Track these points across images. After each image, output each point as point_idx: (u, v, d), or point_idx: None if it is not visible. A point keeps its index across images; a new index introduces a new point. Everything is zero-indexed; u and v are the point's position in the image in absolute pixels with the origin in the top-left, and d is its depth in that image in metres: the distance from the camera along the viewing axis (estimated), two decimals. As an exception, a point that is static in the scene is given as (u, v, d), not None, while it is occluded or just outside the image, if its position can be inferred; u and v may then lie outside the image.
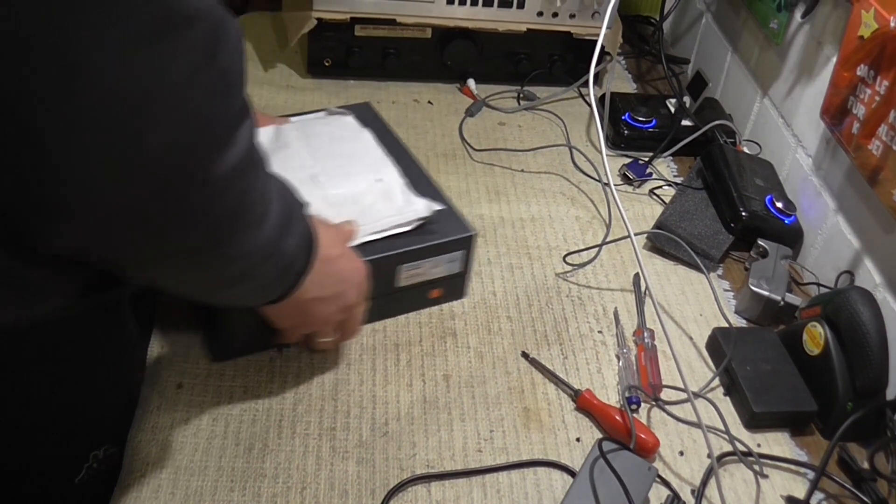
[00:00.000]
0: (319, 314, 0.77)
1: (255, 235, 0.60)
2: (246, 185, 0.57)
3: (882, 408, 0.86)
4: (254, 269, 0.63)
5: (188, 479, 0.75)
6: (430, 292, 0.93)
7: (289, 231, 0.65)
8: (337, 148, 0.95)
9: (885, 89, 0.91)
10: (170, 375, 0.84)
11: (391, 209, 0.88)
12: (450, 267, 0.91)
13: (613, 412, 0.84)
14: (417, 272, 0.89)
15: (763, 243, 1.04)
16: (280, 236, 0.64)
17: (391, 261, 0.86)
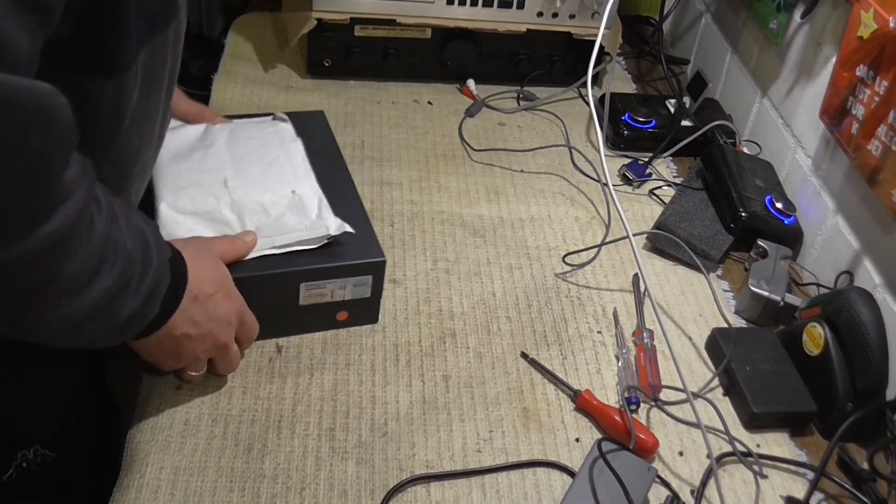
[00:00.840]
0: (188, 351, 0.76)
1: (70, 302, 0.60)
2: (56, 260, 0.56)
3: (882, 408, 0.86)
4: (79, 327, 0.63)
5: (187, 480, 0.75)
6: (338, 314, 0.89)
7: (127, 291, 0.64)
8: (260, 154, 0.92)
9: (885, 90, 0.91)
10: (169, 376, 0.84)
11: (300, 223, 0.85)
12: (358, 290, 0.88)
13: (613, 412, 0.84)
14: (321, 292, 0.86)
15: (763, 244, 1.04)
16: (113, 296, 0.63)
17: (292, 277, 0.83)
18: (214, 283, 0.75)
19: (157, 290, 0.67)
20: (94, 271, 0.60)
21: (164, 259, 0.68)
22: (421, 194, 1.12)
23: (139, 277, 0.64)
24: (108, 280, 0.61)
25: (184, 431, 0.79)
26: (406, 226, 1.06)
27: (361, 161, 1.16)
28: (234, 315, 0.78)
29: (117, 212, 0.62)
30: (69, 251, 0.57)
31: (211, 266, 0.76)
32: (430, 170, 1.17)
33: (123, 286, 0.63)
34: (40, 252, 0.54)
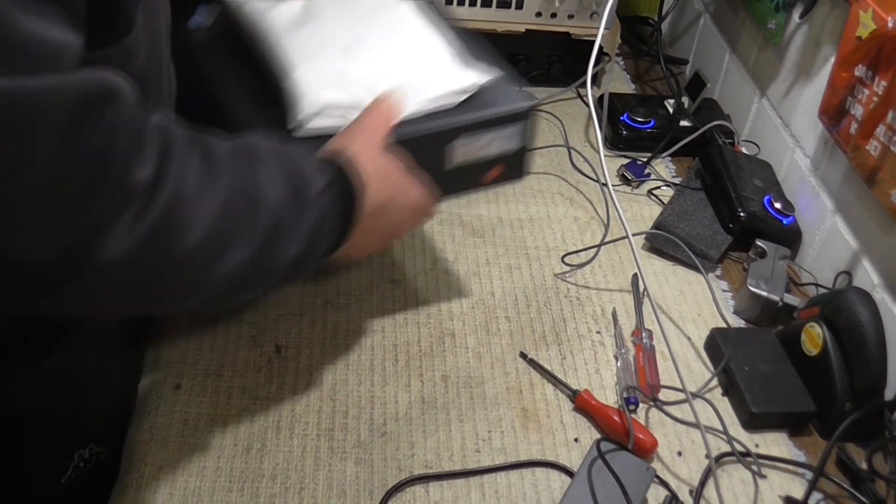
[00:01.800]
0: (375, 247, 0.76)
1: (211, 270, 0.57)
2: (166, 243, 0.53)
3: (880, 408, 0.86)
4: (235, 288, 0.61)
5: (187, 480, 0.75)
6: (489, 172, 0.83)
7: (278, 241, 0.60)
8: (375, 16, 0.83)
9: (883, 90, 0.91)
10: (168, 376, 0.84)
11: (437, 79, 0.77)
12: (507, 143, 0.81)
13: (611, 412, 0.84)
14: (468, 150, 0.79)
15: (761, 244, 1.04)
16: (263, 251, 0.59)
17: (439, 138, 0.76)
18: (391, 184, 0.71)
19: (320, 226, 0.64)
20: (226, 236, 0.56)
21: (320, 187, 0.63)
22: (420, 194, 1.12)
23: (291, 221, 0.61)
24: (251, 239, 0.58)
25: (183, 431, 0.79)
26: (405, 226, 1.06)
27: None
28: (411, 209, 0.75)
29: (233, 165, 0.58)
30: (176, 229, 0.53)
31: (382, 163, 0.70)
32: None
33: (271, 239, 0.59)
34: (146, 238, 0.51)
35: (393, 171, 0.72)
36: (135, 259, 0.51)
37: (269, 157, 0.61)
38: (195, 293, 0.58)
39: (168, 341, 0.87)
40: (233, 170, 0.57)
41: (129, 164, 0.49)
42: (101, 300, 0.53)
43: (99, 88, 0.47)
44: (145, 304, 0.58)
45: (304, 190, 0.62)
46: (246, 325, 0.90)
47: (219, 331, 0.89)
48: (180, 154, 0.53)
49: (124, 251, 0.50)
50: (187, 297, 0.59)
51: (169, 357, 0.86)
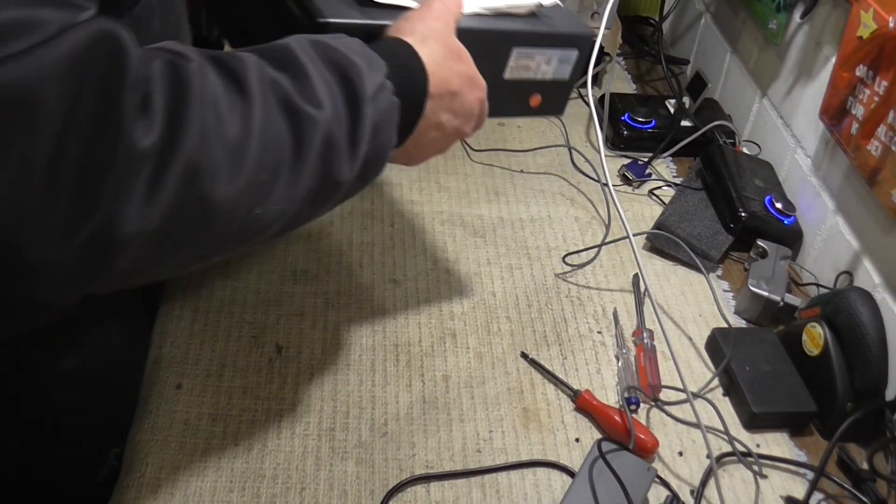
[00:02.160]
0: (433, 151, 0.69)
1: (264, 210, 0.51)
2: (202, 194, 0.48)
3: (881, 408, 0.86)
4: (298, 214, 0.55)
5: (187, 480, 0.75)
6: (532, 97, 0.82)
7: (334, 157, 0.54)
8: None
9: (884, 90, 0.91)
10: (169, 376, 0.84)
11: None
12: (560, 69, 0.81)
13: (612, 412, 0.84)
14: (528, 63, 0.78)
15: (762, 244, 1.04)
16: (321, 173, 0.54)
17: (505, 41, 0.74)
18: (459, 75, 0.65)
19: (379, 129, 0.57)
20: (269, 171, 0.50)
21: (376, 84, 0.56)
22: (421, 194, 1.12)
23: (346, 132, 0.54)
24: (300, 166, 0.52)
25: (184, 431, 0.79)
26: (406, 226, 1.06)
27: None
28: (478, 104, 0.69)
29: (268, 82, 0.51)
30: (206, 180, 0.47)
31: (453, 45, 0.65)
32: (429, 170, 1.17)
33: (325, 158, 0.53)
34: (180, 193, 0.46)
35: (464, 54, 0.66)
36: (166, 226, 0.46)
37: (310, 59, 0.54)
38: (250, 236, 0.53)
39: (169, 340, 0.87)
40: (267, 88, 0.51)
41: (131, 127, 0.44)
42: (144, 271, 0.50)
43: (93, 42, 0.43)
44: (198, 260, 0.53)
45: (356, 91, 0.55)
46: (247, 325, 0.90)
47: (220, 331, 0.89)
48: (197, 92, 0.47)
49: (150, 222, 0.45)
50: (243, 242, 0.54)
51: (170, 356, 0.86)
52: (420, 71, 0.60)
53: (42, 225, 0.42)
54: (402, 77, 0.59)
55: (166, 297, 0.92)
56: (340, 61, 0.55)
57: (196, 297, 0.93)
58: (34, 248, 0.42)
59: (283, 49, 0.54)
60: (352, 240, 1.03)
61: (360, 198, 1.09)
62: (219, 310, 0.92)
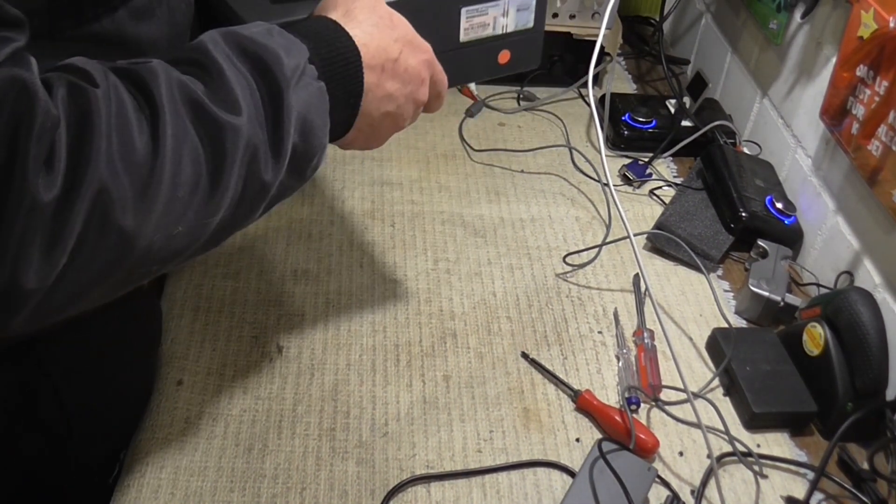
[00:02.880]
0: (391, 127, 0.65)
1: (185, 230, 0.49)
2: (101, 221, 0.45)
3: (882, 408, 0.86)
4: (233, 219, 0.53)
5: (188, 480, 0.75)
6: (500, 54, 0.78)
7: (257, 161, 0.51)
8: None
9: (885, 90, 0.91)
10: (169, 372, 0.84)
11: None
12: (520, 17, 0.77)
13: (613, 412, 0.84)
14: (483, 20, 0.74)
15: (763, 244, 1.04)
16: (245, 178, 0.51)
17: (448, 1, 0.71)
18: (396, 40, 0.61)
19: (308, 117, 0.54)
20: (189, 190, 0.48)
21: (299, 69, 0.53)
22: (421, 194, 1.12)
23: (271, 133, 0.51)
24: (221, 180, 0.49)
25: (184, 431, 0.79)
26: (406, 226, 1.06)
27: (361, 161, 1.16)
28: (426, 67, 0.65)
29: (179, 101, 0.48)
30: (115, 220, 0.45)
31: (383, 18, 0.61)
32: (430, 170, 1.17)
33: (250, 160, 0.50)
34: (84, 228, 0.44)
35: (397, 19, 0.62)
36: (77, 267, 0.45)
37: (224, 55, 0.51)
38: (174, 255, 0.51)
39: (169, 339, 0.88)
40: (179, 99, 0.48)
41: (35, 182, 0.42)
42: (64, 309, 0.48)
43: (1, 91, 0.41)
44: (126, 285, 0.51)
45: (275, 82, 0.52)
46: (248, 324, 0.91)
47: (220, 330, 0.89)
48: (103, 122, 0.44)
49: (55, 270, 0.44)
50: (169, 262, 0.51)
51: (171, 354, 0.86)
52: (350, 47, 0.57)
53: None
54: (329, 57, 0.56)
55: (167, 297, 0.92)
56: (256, 51, 0.52)
57: (197, 296, 0.93)
58: None
59: (197, 49, 0.52)
60: (352, 240, 1.03)
61: (361, 198, 1.10)
62: (219, 309, 0.92)
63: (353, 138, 0.62)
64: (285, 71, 0.52)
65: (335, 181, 1.12)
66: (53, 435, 0.71)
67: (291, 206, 1.07)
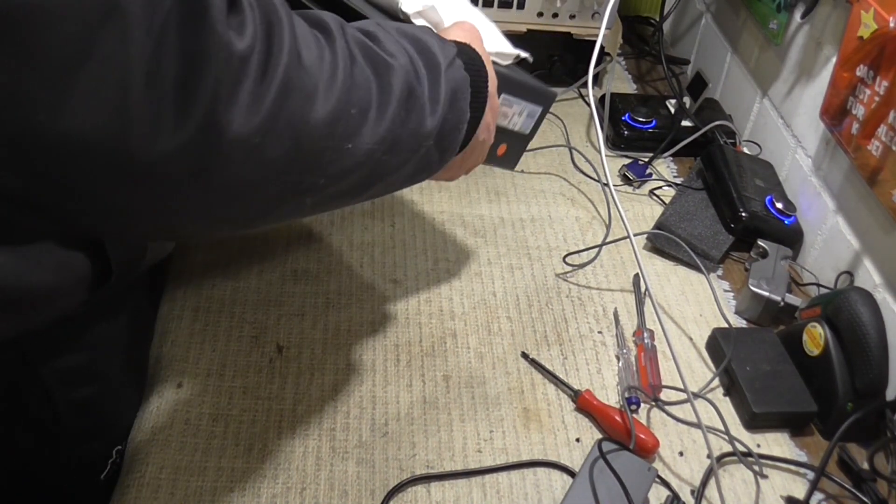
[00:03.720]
0: (476, 158, 0.72)
1: (355, 145, 0.53)
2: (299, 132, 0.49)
3: (882, 408, 0.86)
4: (384, 159, 0.57)
5: (188, 479, 0.75)
6: (500, 146, 0.83)
7: (414, 105, 0.57)
8: None
9: (885, 90, 0.91)
10: (169, 374, 0.84)
11: (494, 37, 0.78)
12: (526, 123, 0.84)
13: (613, 412, 0.84)
14: (507, 111, 0.80)
15: (763, 244, 1.04)
16: (401, 122, 0.56)
17: (501, 81, 0.75)
18: (492, 79, 0.68)
19: (455, 96, 0.61)
20: (359, 103, 0.53)
21: (450, 57, 0.61)
22: (421, 194, 1.12)
23: (426, 86, 0.58)
24: (385, 105, 0.54)
25: (184, 431, 0.79)
26: (407, 226, 1.06)
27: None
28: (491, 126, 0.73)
29: (350, 32, 0.54)
30: (302, 98, 0.49)
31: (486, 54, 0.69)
32: (430, 170, 1.17)
33: (409, 105, 0.56)
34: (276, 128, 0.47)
35: (491, 69, 0.69)
36: (265, 136, 0.47)
37: (384, 30, 0.58)
38: (340, 174, 0.54)
39: (169, 340, 0.88)
40: (349, 37, 0.54)
41: (224, 29, 0.44)
42: (239, 197, 0.49)
43: None
44: (290, 194, 0.53)
45: (432, 58, 0.59)
46: (248, 324, 0.91)
47: (220, 330, 0.89)
48: (286, 22, 0.49)
49: (253, 126, 0.46)
50: (334, 180, 0.54)
51: (170, 355, 0.86)
52: (482, 64, 0.64)
53: (147, 128, 0.42)
54: (468, 62, 0.63)
55: (167, 297, 0.92)
56: (415, 34, 0.59)
57: (197, 296, 0.93)
58: (141, 151, 0.43)
59: (359, 26, 0.57)
60: (352, 240, 1.03)
61: (361, 198, 1.10)
62: (219, 310, 0.92)
63: (450, 168, 0.68)
64: (439, 55, 0.59)
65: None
66: (45, 433, 0.71)
67: (291, 206, 1.07)
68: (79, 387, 0.72)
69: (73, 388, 0.71)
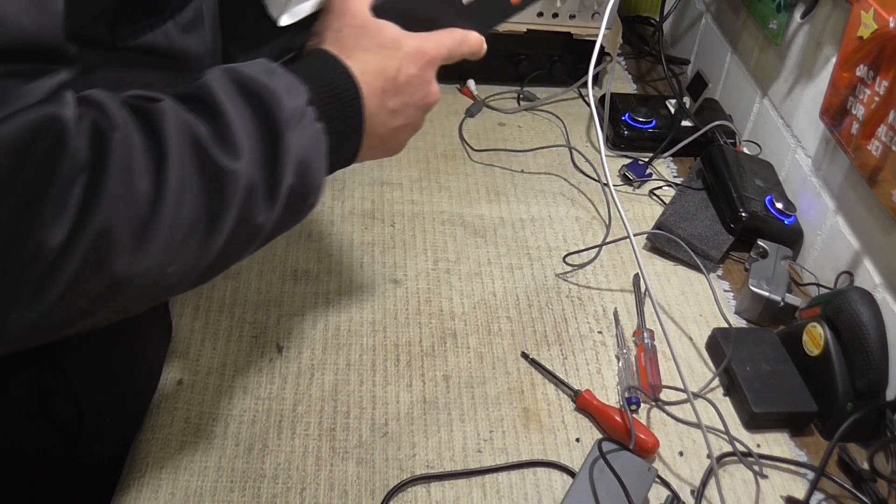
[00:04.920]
0: (409, 131, 0.67)
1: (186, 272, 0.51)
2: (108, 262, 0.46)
3: (882, 408, 0.86)
4: (218, 262, 0.54)
5: (188, 480, 0.75)
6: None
7: (255, 202, 0.52)
8: None
9: (885, 90, 0.91)
10: (169, 371, 0.84)
11: None
12: None
13: (613, 412, 0.84)
14: None
15: (763, 244, 1.04)
16: (240, 225, 0.51)
17: None
18: (391, 57, 0.61)
19: (306, 159, 0.54)
20: (189, 226, 0.49)
21: (300, 106, 0.54)
22: (421, 194, 1.12)
23: (268, 175, 0.52)
24: (218, 220, 0.50)
25: (184, 431, 0.79)
26: (407, 226, 1.06)
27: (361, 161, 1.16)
28: (429, 66, 0.65)
29: (184, 143, 0.49)
30: (111, 259, 0.46)
31: (374, 38, 0.61)
32: (430, 170, 1.17)
33: (246, 204, 0.51)
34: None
35: (389, 34, 0.62)
36: (63, 306, 0.46)
37: (227, 95, 0.52)
38: (162, 293, 0.52)
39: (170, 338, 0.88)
40: (185, 141, 0.49)
41: (47, 226, 0.43)
42: (48, 337, 0.49)
43: (36, 130, 0.42)
44: (111, 319, 0.52)
45: (274, 124, 0.52)
46: (248, 324, 0.91)
47: (220, 330, 0.89)
48: (116, 165, 0.45)
49: (42, 310, 0.45)
50: (154, 299, 0.53)
51: (171, 353, 0.86)
52: (348, 84, 0.59)
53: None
54: (328, 97, 0.57)
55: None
56: (258, 92, 0.52)
57: (197, 296, 0.93)
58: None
59: (202, 87, 0.52)
60: (352, 240, 1.03)
61: (361, 198, 1.10)
62: (219, 309, 0.92)
63: (366, 156, 0.64)
64: (285, 113, 0.53)
65: (335, 181, 1.12)
66: (66, 434, 0.71)
67: (291, 206, 1.07)
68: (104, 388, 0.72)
69: (98, 390, 0.72)
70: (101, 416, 0.73)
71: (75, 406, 0.70)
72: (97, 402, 0.72)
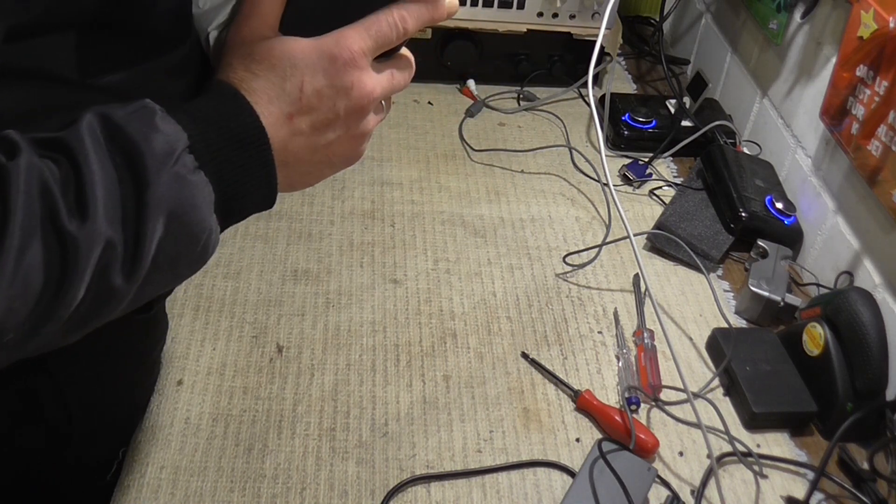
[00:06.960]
0: (349, 140, 0.58)
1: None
2: None
3: (882, 408, 0.86)
4: (84, 323, 0.48)
5: (188, 480, 0.76)
6: None
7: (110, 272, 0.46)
8: None
9: (885, 90, 0.91)
10: (169, 372, 0.84)
11: None
12: None
13: (613, 413, 0.84)
14: None
15: (763, 244, 1.04)
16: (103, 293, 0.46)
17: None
18: (291, 77, 0.53)
19: (181, 212, 0.48)
20: (30, 296, 0.43)
21: (170, 162, 0.47)
22: (421, 194, 1.12)
23: (132, 237, 0.46)
24: (69, 286, 0.44)
25: (184, 431, 0.79)
26: (407, 226, 1.06)
27: (361, 161, 1.15)
28: (345, 70, 0.54)
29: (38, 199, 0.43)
30: None
31: (263, 68, 0.53)
32: (430, 170, 1.17)
33: (102, 267, 0.45)
34: None
35: (291, 52, 0.54)
36: None
37: (96, 144, 0.46)
38: (4, 359, 0.47)
39: (170, 338, 0.88)
40: (35, 202, 0.43)
41: None
42: None
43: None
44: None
45: (142, 180, 0.46)
46: (248, 325, 0.91)
47: (220, 330, 0.89)
48: None
49: None
50: (20, 353, 0.48)
51: (171, 353, 0.86)
52: (247, 124, 0.51)
53: None
54: (220, 140, 0.50)
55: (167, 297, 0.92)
56: (127, 140, 0.46)
57: (197, 296, 0.93)
58: None
59: (70, 136, 0.46)
60: (352, 240, 1.03)
61: (361, 198, 1.10)
62: (219, 309, 0.92)
63: (302, 184, 0.57)
64: (153, 165, 0.46)
65: (335, 181, 1.12)
66: (56, 435, 0.71)
67: (291, 206, 1.07)
68: (93, 389, 0.72)
69: (87, 391, 0.71)
70: (93, 417, 0.73)
71: (64, 407, 0.70)
72: (87, 403, 0.72)
